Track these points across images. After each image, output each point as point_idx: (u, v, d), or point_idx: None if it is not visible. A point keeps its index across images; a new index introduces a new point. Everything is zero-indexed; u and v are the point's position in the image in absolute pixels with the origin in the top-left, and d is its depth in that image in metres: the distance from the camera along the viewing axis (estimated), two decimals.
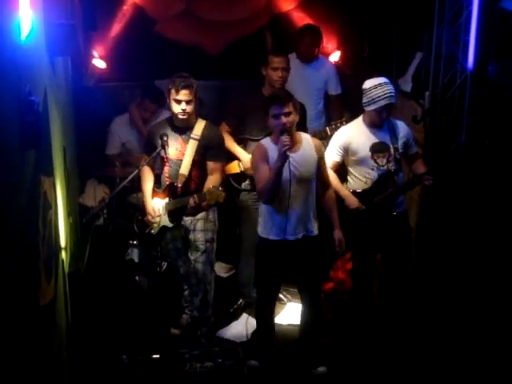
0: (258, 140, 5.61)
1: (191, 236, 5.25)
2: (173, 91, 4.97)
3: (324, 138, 5.73)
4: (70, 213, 4.80)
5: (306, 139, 4.81)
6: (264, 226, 4.84)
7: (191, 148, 5.10)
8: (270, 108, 4.60)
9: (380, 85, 5.00)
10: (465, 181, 5.83)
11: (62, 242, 4.27)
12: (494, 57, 6.11)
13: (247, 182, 5.73)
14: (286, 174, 4.58)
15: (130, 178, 5.30)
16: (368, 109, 5.09)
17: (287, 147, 4.45)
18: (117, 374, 4.87)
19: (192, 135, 5.11)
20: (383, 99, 4.98)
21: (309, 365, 5.09)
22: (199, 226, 5.23)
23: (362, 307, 5.44)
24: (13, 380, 2.49)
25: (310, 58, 6.61)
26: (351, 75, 7.39)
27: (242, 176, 5.71)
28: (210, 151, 5.13)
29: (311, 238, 4.84)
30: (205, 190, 4.96)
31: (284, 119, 4.57)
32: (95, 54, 6.72)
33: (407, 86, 6.73)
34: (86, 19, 6.36)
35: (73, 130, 6.10)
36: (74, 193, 5.67)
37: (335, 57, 7.23)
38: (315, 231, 4.87)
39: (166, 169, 5.20)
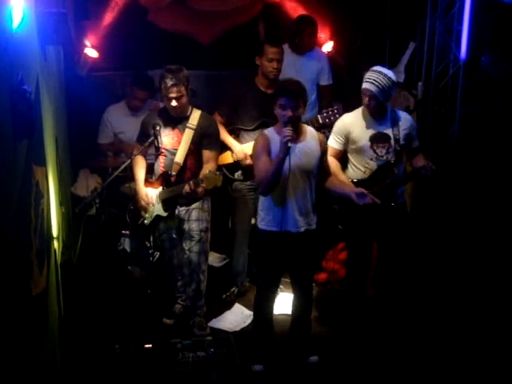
0: (251, 130, 5.63)
1: (186, 226, 5.25)
2: (163, 87, 4.98)
3: (315, 126, 5.72)
4: (62, 202, 4.79)
5: (311, 132, 4.78)
6: (264, 217, 4.78)
7: (187, 137, 5.11)
8: (279, 97, 4.54)
9: (374, 71, 4.99)
10: (457, 171, 5.84)
11: (54, 232, 4.26)
12: (487, 47, 6.11)
13: (240, 172, 5.73)
14: (286, 164, 4.53)
15: (122, 167, 5.30)
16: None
17: (288, 138, 4.40)
18: (109, 363, 4.88)
19: (188, 124, 5.12)
20: (368, 82, 4.96)
21: (301, 355, 5.09)
22: (194, 216, 5.24)
23: (355, 297, 5.44)
24: (5, 369, 2.49)
25: (307, 50, 6.60)
26: (344, 66, 7.39)
27: (234, 166, 5.70)
28: (206, 140, 5.14)
29: (310, 232, 4.81)
30: (201, 176, 4.96)
31: (290, 112, 4.52)
32: (87, 43, 6.69)
33: (400, 77, 6.73)
34: (78, 8, 6.35)
35: (65, 119, 6.09)
36: (66, 182, 5.66)
37: (328, 47, 7.21)
38: (314, 225, 4.84)
39: (161, 158, 5.21)
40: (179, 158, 5.13)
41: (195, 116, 5.15)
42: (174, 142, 5.15)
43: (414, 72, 6.59)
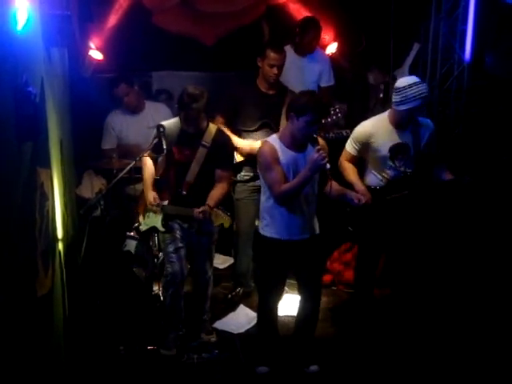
0: (252, 131, 5.62)
1: (196, 239, 5.16)
2: (184, 113, 4.90)
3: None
4: (66, 204, 4.80)
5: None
6: (269, 223, 4.71)
7: (200, 155, 4.98)
8: (310, 112, 4.41)
9: (415, 84, 4.84)
10: (462, 171, 5.83)
11: (59, 234, 4.27)
12: (491, 48, 6.12)
13: (243, 172, 5.73)
14: (295, 174, 4.56)
15: (127, 169, 5.29)
16: (400, 108, 4.91)
17: (326, 160, 4.35)
18: (114, 364, 4.88)
19: (202, 142, 4.98)
20: (418, 99, 4.82)
21: (302, 363, 4.99)
22: (205, 230, 5.12)
23: (364, 298, 5.43)
24: (11, 369, 2.49)
25: (309, 51, 6.60)
26: (348, 67, 7.39)
27: (238, 167, 5.70)
28: (220, 159, 5.02)
29: (315, 237, 4.79)
30: (209, 202, 4.87)
31: (315, 128, 4.53)
32: (92, 45, 6.70)
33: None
34: (82, 10, 6.35)
35: (69, 121, 6.09)
36: (71, 184, 5.67)
37: (332, 48, 7.21)
38: (318, 230, 4.82)
39: (172, 171, 5.11)
40: (190, 176, 5.00)
41: (210, 133, 5.01)
42: (187, 158, 5.03)
43: (419, 73, 6.60)
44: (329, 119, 5.61)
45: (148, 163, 5.22)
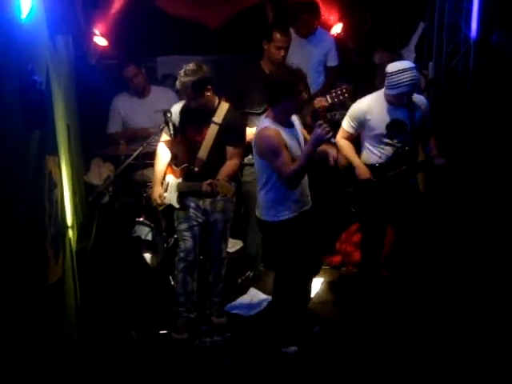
0: (259, 113, 5.60)
1: (211, 216, 5.20)
2: None
3: (324, 105, 5.71)
4: (75, 191, 4.81)
5: None
6: (279, 209, 4.72)
7: (211, 133, 5.02)
8: (295, 85, 4.48)
9: (404, 70, 4.88)
10: (468, 150, 5.82)
11: (69, 221, 4.29)
12: (497, 25, 6.08)
13: (250, 156, 5.71)
14: (297, 148, 4.63)
15: (134, 155, 5.31)
16: (390, 92, 5.00)
17: (331, 134, 4.40)
18: (126, 350, 4.92)
19: (214, 119, 5.03)
20: (407, 85, 4.88)
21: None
22: (219, 207, 5.17)
23: (371, 278, 5.45)
24: (24, 356, 2.52)
25: (307, 34, 6.58)
26: (353, 47, 7.36)
27: (245, 150, 5.68)
28: (231, 136, 5.04)
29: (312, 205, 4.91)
30: (219, 177, 4.88)
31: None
32: (96, 31, 6.68)
33: (410, 57, 6.71)
34: None
35: (75, 108, 6.10)
36: (79, 171, 5.68)
37: (337, 29, 7.17)
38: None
39: (185, 149, 5.15)
40: (202, 153, 5.05)
41: (221, 111, 5.05)
42: (199, 135, 5.08)
43: (425, 52, 6.57)
44: (335, 99, 5.60)
45: (161, 154, 5.24)
